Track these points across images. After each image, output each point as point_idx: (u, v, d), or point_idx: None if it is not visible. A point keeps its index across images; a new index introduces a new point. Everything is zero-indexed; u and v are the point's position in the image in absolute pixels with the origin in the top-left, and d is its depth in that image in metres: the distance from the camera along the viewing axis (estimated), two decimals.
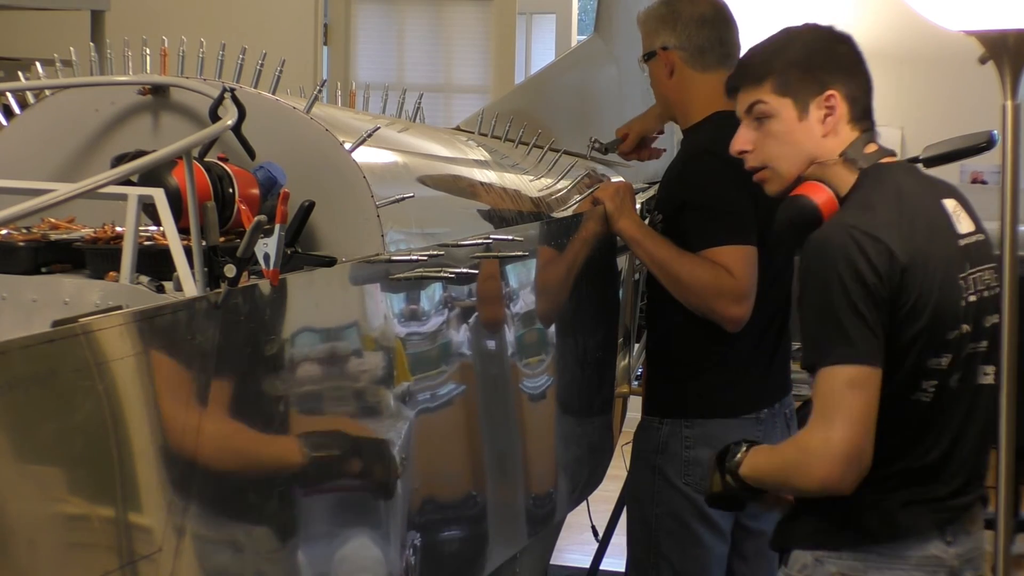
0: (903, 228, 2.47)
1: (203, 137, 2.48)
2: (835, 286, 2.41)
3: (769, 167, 2.63)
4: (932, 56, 7.14)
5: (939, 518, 2.51)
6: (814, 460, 2.41)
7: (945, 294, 2.49)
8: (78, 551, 1.96)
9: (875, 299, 2.41)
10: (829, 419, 2.39)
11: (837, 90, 2.57)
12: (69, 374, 1.95)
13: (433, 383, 2.93)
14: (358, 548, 2.71)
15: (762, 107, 2.60)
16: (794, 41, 2.64)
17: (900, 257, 2.43)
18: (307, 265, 2.53)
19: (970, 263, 2.56)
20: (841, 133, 2.58)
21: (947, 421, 2.51)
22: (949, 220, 2.58)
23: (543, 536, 3.75)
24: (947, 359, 2.48)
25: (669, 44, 3.54)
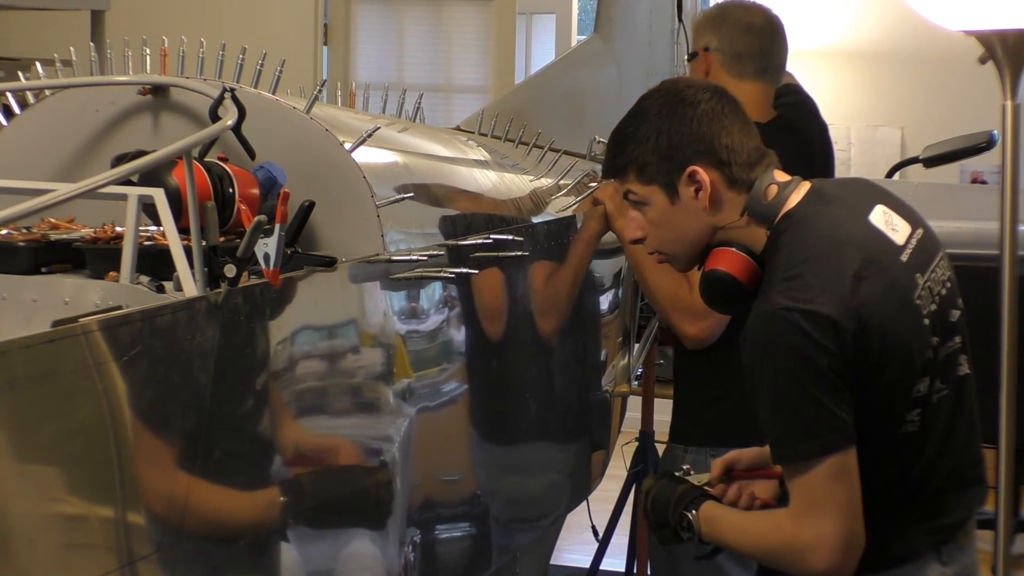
0: (838, 284, 2.31)
1: (203, 137, 2.48)
2: (786, 379, 2.30)
3: (662, 252, 2.52)
4: (932, 56, 7.14)
5: (934, 540, 2.44)
6: (812, 556, 2.33)
7: (907, 327, 2.36)
8: (78, 551, 1.97)
9: (832, 378, 2.29)
10: (817, 513, 2.31)
11: (699, 164, 2.42)
12: (69, 374, 1.95)
13: (432, 382, 2.93)
14: (358, 545, 2.71)
15: (634, 196, 2.49)
16: (642, 123, 2.47)
17: (846, 325, 2.29)
18: (307, 265, 2.53)
19: (921, 272, 2.42)
20: (724, 199, 2.43)
21: (935, 432, 2.42)
22: (883, 238, 2.41)
23: (543, 536, 3.75)
24: (925, 382, 2.38)
25: (711, 46, 3.47)
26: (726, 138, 2.43)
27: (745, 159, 2.44)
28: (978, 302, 3.44)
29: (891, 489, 2.40)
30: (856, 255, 2.35)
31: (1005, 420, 2.70)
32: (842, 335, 2.28)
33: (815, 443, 2.30)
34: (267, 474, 2.41)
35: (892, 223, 2.44)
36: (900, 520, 2.41)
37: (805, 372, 2.28)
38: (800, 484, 2.33)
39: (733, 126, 2.44)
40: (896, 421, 2.37)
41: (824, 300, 2.29)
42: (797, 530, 2.34)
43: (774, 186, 2.44)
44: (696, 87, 2.48)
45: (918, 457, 2.40)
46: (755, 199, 2.43)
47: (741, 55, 3.45)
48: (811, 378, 2.28)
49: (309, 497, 2.52)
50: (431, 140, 3.48)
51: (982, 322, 3.21)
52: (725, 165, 2.43)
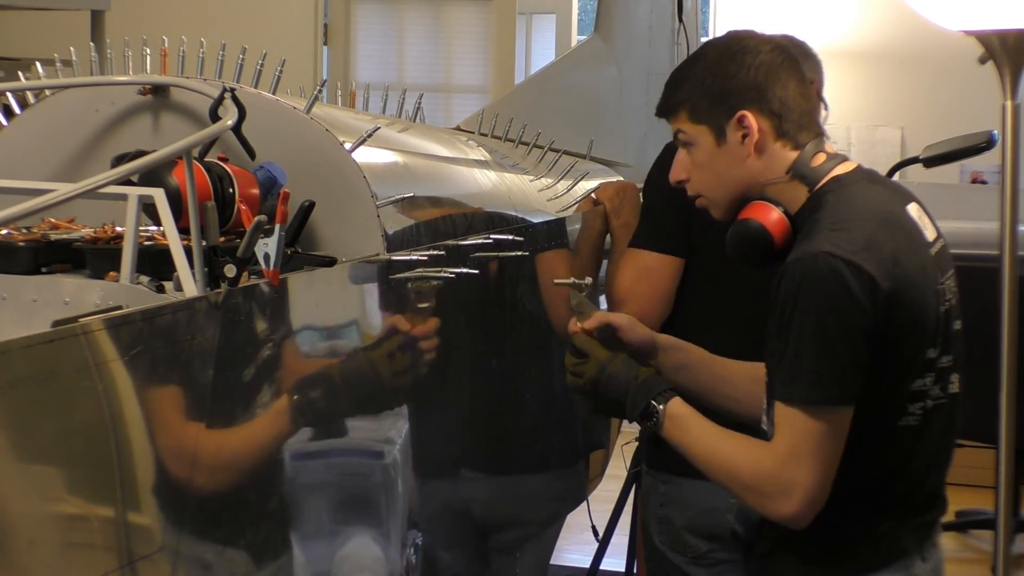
0: (880, 248, 2.35)
1: (203, 137, 2.48)
2: (814, 322, 2.31)
3: (703, 195, 2.54)
4: (932, 56, 7.15)
5: (918, 536, 2.45)
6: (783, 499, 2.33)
7: (926, 312, 2.38)
8: (78, 551, 1.96)
9: (857, 335, 2.30)
10: (803, 461, 2.31)
11: (749, 110, 2.44)
12: (69, 374, 1.95)
13: (431, 381, 2.93)
14: (359, 546, 2.71)
15: (683, 136, 2.51)
16: (701, 63, 2.51)
17: (882, 285, 2.31)
18: (307, 265, 2.53)
19: (941, 272, 2.45)
20: (770, 150, 2.46)
21: (929, 439, 2.43)
22: (918, 229, 2.46)
23: (543, 536, 3.75)
24: (930, 378, 2.40)
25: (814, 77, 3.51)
26: (781, 91, 2.46)
27: (797, 117, 2.47)
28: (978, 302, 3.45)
29: (891, 487, 2.41)
30: (898, 231, 2.40)
31: (1005, 420, 2.71)
32: (877, 294, 2.31)
33: (823, 392, 2.31)
34: (267, 473, 2.41)
35: (924, 222, 2.48)
36: (892, 516, 2.42)
37: (835, 320, 2.30)
38: (794, 427, 2.32)
39: (790, 81, 2.47)
40: (899, 412, 2.37)
41: (867, 256, 2.32)
42: (777, 470, 2.34)
43: (823, 154, 2.47)
44: (759, 38, 2.51)
45: (915, 455, 2.41)
46: (803, 160, 2.46)
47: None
48: (838, 328, 2.30)
49: (309, 497, 2.52)
50: (431, 140, 3.48)
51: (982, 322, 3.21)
52: (776, 116, 2.45)
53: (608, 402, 2.55)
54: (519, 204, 3.51)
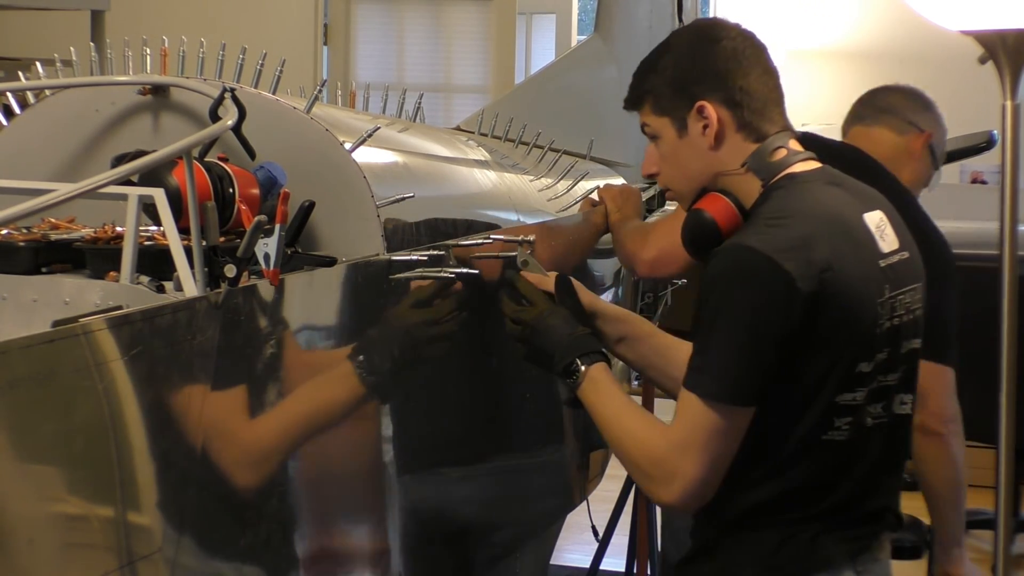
0: (811, 250, 2.27)
1: (203, 137, 2.48)
2: (726, 316, 2.27)
3: (671, 188, 2.53)
4: (932, 56, 7.14)
5: (850, 548, 2.39)
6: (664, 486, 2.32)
7: (859, 323, 2.31)
8: (78, 551, 1.96)
9: (769, 337, 2.25)
10: (690, 453, 2.29)
11: (709, 100, 2.41)
12: (69, 374, 1.95)
13: (430, 380, 2.93)
14: (356, 547, 2.71)
15: (648, 129, 2.50)
16: (664, 55, 2.48)
17: (802, 287, 2.24)
18: (307, 265, 2.53)
19: (891, 286, 2.37)
20: (730, 141, 2.42)
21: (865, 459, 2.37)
22: (871, 238, 2.38)
23: (543, 536, 3.75)
24: (862, 394, 2.33)
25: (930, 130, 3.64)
26: (742, 80, 2.42)
27: (759, 106, 2.43)
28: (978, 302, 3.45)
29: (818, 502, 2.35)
30: (840, 237, 2.33)
31: (1005, 420, 2.71)
32: (794, 296, 2.24)
33: (722, 388, 2.27)
34: (266, 474, 2.41)
35: (883, 231, 2.41)
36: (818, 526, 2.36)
37: (745, 318, 2.26)
38: (689, 417, 2.30)
39: (753, 69, 2.43)
40: (823, 424, 2.32)
41: (792, 256, 2.26)
42: (664, 456, 2.32)
43: (784, 149, 2.43)
44: (726, 26, 2.48)
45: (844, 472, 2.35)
46: (760, 154, 2.42)
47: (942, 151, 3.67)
48: (748, 326, 2.26)
49: (309, 497, 2.52)
50: (431, 140, 3.48)
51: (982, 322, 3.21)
52: (736, 106, 2.42)
53: (539, 352, 2.56)
54: (519, 204, 3.51)
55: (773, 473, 2.33)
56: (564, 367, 2.51)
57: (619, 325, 2.72)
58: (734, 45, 2.43)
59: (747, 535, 2.37)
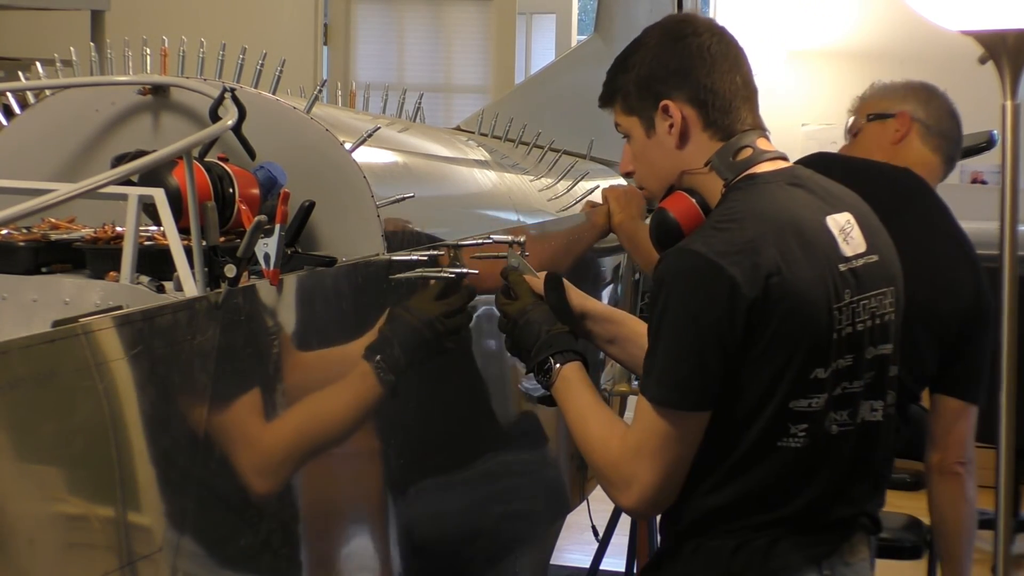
0: (759, 254, 2.23)
1: (203, 137, 2.48)
2: (671, 320, 2.25)
3: (645, 187, 2.52)
4: (932, 56, 7.14)
5: (814, 552, 2.34)
6: (621, 491, 2.32)
7: (810, 329, 2.26)
8: (78, 551, 1.96)
9: (712, 341, 2.22)
10: (645, 459, 2.28)
11: (673, 99, 2.39)
12: (69, 374, 1.95)
13: (428, 380, 2.93)
14: (357, 548, 2.71)
15: (620, 128, 2.49)
16: (634, 53, 2.46)
17: (747, 292, 2.21)
18: (307, 265, 2.53)
19: (852, 290, 2.33)
20: (698, 139, 2.40)
21: (829, 466, 2.33)
22: (830, 241, 2.34)
23: (543, 536, 3.75)
24: (818, 400, 2.28)
25: (917, 115, 3.51)
26: (708, 78, 2.39)
27: (725, 104, 2.40)
28: None
29: (777, 509, 2.33)
30: (793, 240, 2.29)
31: (1005, 420, 2.70)
32: (738, 301, 2.22)
33: (669, 394, 2.26)
34: (266, 474, 2.41)
35: (849, 234, 2.38)
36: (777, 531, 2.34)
37: (688, 322, 2.24)
38: (644, 422, 2.29)
39: (720, 66, 2.40)
40: (777, 430, 2.29)
41: (737, 260, 2.23)
42: (621, 461, 2.32)
43: (749, 149, 2.40)
44: (696, 23, 2.44)
45: (804, 480, 2.32)
46: (724, 152, 2.39)
47: (944, 135, 3.50)
48: (691, 330, 2.24)
49: (308, 497, 2.52)
50: (431, 140, 3.48)
51: None
52: (702, 105, 2.39)
53: (518, 346, 2.58)
54: (519, 204, 3.51)
55: (729, 479, 2.31)
56: (538, 363, 2.51)
57: (609, 326, 2.71)
58: (700, 42, 2.41)
59: (704, 543, 2.35)
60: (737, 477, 2.30)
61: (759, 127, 2.43)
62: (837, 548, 2.38)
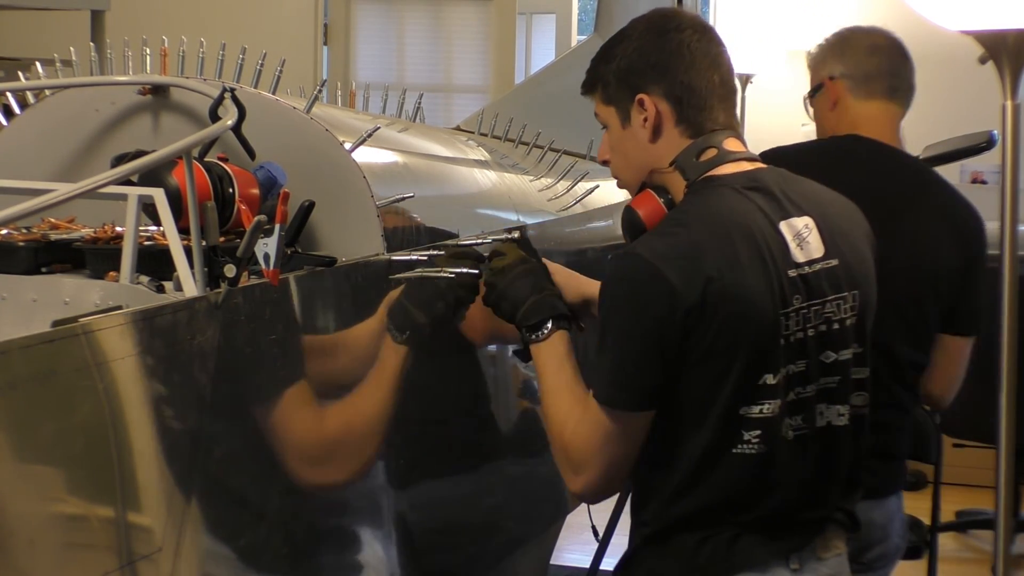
0: (701, 259, 2.23)
1: (203, 137, 2.48)
2: (613, 320, 2.27)
3: (619, 178, 2.52)
4: (932, 56, 7.12)
5: (780, 546, 2.35)
6: (569, 471, 2.36)
7: (754, 334, 2.25)
8: (78, 551, 1.97)
9: (651, 344, 2.23)
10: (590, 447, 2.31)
11: (649, 93, 2.38)
12: (69, 374, 1.95)
13: (428, 379, 2.93)
14: (357, 548, 2.72)
15: (599, 117, 2.49)
16: (618, 44, 2.45)
17: (685, 297, 2.21)
18: (307, 265, 2.53)
19: (803, 296, 2.32)
20: (670, 135, 2.39)
21: (791, 472, 2.32)
22: (782, 246, 2.32)
23: (543, 536, 3.75)
24: (770, 406, 2.27)
25: (835, 73, 3.34)
26: (685, 75, 2.39)
27: (700, 102, 2.39)
28: None
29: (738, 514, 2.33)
30: (738, 245, 2.28)
31: (1005, 420, 2.70)
32: (676, 306, 2.22)
33: (610, 393, 2.29)
34: (267, 474, 2.41)
35: (804, 239, 2.36)
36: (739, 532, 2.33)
37: (629, 324, 2.26)
38: (591, 417, 2.32)
39: (699, 64, 2.39)
40: (729, 437, 2.29)
41: (678, 264, 2.24)
42: (572, 447, 2.35)
43: (714, 149, 2.39)
44: (681, 19, 2.44)
45: (764, 487, 2.32)
46: (688, 152, 2.39)
47: (870, 76, 3.33)
48: (632, 333, 2.26)
49: (308, 496, 2.52)
50: (431, 140, 3.48)
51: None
52: (677, 101, 2.39)
53: (504, 301, 2.58)
54: (519, 204, 3.51)
55: (692, 486, 2.31)
56: (535, 322, 2.52)
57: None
58: (682, 38, 2.40)
59: (669, 538, 2.37)
60: (699, 484, 2.31)
61: (731, 127, 2.43)
62: (808, 543, 2.39)
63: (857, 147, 3.20)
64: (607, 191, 4.12)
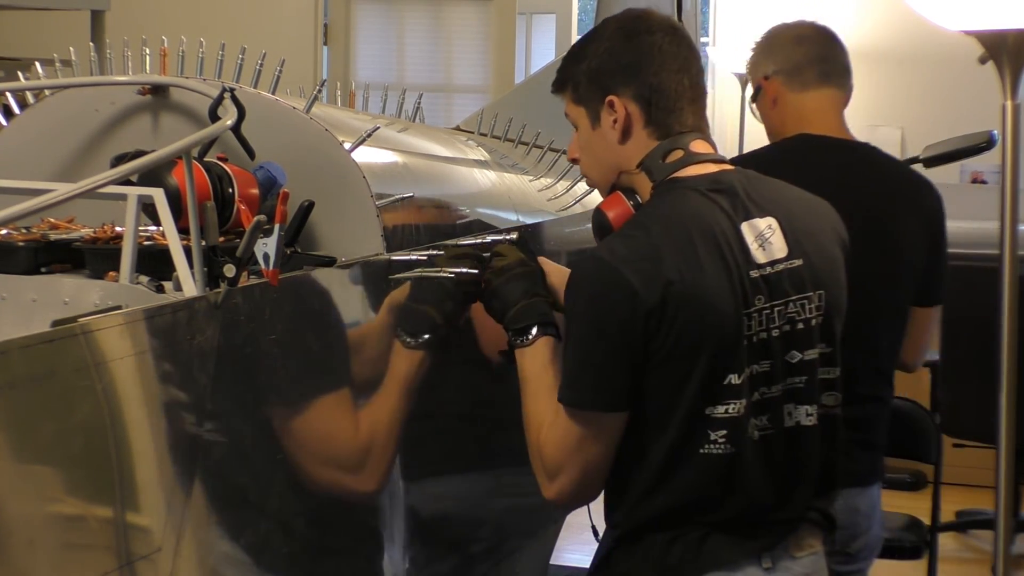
0: (660, 261, 2.24)
1: (203, 137, 2.48)
2: (577, 325, 2.28)
3: (588, 177, 2.52)
4: (932, 56, 7.15)
5: (751, 545, 2.34)
6: (543, 477, 2.36)
7: (715, 335, 2.25)
8: (77, 551, 1.97)
9: (618, 343, 2.24)
10: (563, 452, 2.32)
11: (619, 94, 2.38)
12: (69, 374, 1.95)
13: (432, 381, 2.93)
14: (358, 547, 2.71)
15: (569, 117, 2.50)
16: (590, 44, 2.45)
17: (646, 299, 2.22)
18: (307, 265, 2.53)
19: (765, 296, 2.31)
20: (638, 137, 2.39)
21: (758, 472, 2.32)
22: (743, 247, 2.32)
23: (543, 536, 3.75)
24: (735, 406, 2.28)
25: (768, 72, 3.31)
26: (655, 77, 2.38)
27: (669, 104, 2.39)
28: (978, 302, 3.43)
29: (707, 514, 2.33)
30: (698, 247, 2.29)
31: (1005, 420, 2.70)
32: (637, 308, 2.23)
33: (576, 395, 2.30)
34: (267, 474, 2.41)
35: (767, 240, 2.36)
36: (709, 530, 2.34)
37: (591, 327, 2.27)
38: (561, 422, 2.33)
39: (669, 66, 2.39)
40: (695, 436, 2.29)
41: (638, 267, 2.25)
42: (546, 453, 2.36)
43: (680, 151, 2.39)
44: (652, 20, 2.44)
45: (733, 487, 2.32)
46: (655, 154, 2.39)
47: (800, 66, 3.31)
48: (594, 335, 2.27)
49: (308, 496, 2.52)
50: (431, 140, 3.48)
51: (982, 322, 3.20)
52: (646, 103, 2.39)
53: (496, 300, 2.60)
54: (519, 204, 3.51)
55: (660, 486, 2.32)
56: (518, 327, 2.53)
57: None
58: (653, 40, 2.40)
59: (640, 538, 2.36)
60: (667, 484, 2.32)
61: (698, 129, 2.43)
62: (781, 541, 2.38)
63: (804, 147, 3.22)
64: None
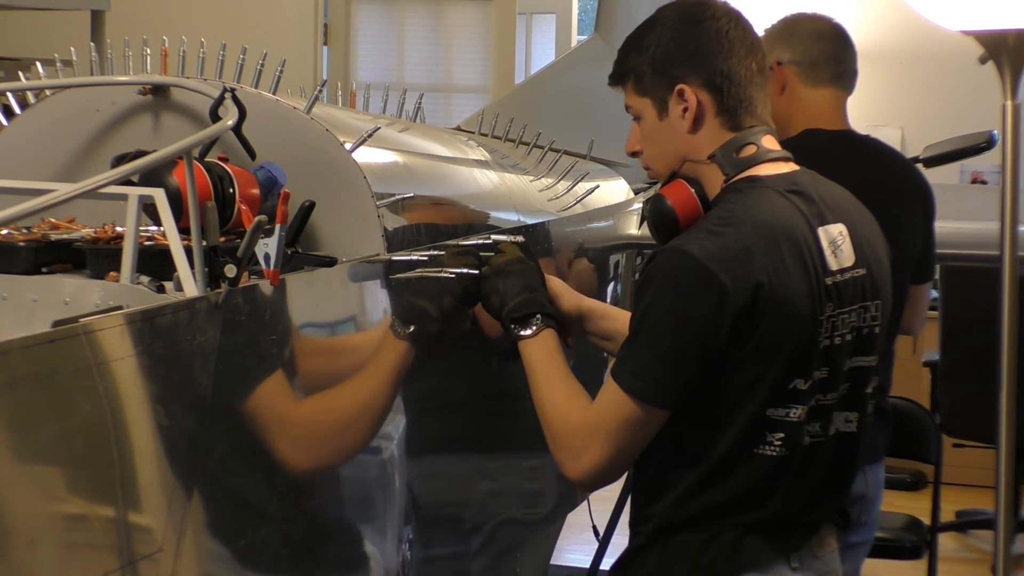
0: (750, 262, 2.24)
1: (203, 137, 2.48)
2: (655, 314, 2.26)
3: (651, 167, 2.50)
4: (932, 56, 7.15)
5: (781, 546, 2.36)
6: (569, 456, 2.36)
7: (793, 340, 2.27)
8: (78, 551, 1.96)
9: (693, 343, 2.24)
10: (598, 439, 2.32)
11: (689, 83, 2.37)
12: (69, 374, 1.95)
13: (432, 380, 2.93)
14: (357, 543, 2.71)
15: (632, 109, 2.47)
16: (649, 33, 2.43)
17: (735, 299, 2.22)
18: (307, 265, 2.53)
19: (834, 304, 2.32)
20: (710, 126, 2.38)
21: (802, 476, 2.34)
22: (820, 253, 2.33)
23: (543, 536, 3.75)
24: (796, 411, 2.29)
25: (783, 59, 3.36)
26: (725, 64, 2.38)
27: (740, 91, 2.38)
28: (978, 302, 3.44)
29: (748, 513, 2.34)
30: (783, 251, 2.29)
31: (1005, 420, 2.71)
32: (725, 307, 2.23)
33: (639, 385, 2.28)
34: (267, 473, 2.41)
35: (839, 247, 2.37)
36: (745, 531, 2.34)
37: (674, 323, 2.26)
38: (608, 401, 2.32)
39: (737, 52, 2.39)
40: (754, 438, 2.30)
41: (729, 266, 2.24)
42: (576, 432, 2.36)
43: (753, 147, 2.39)
44: (714, 7, 2.43)
45: (778, 489, 2.33)
46: (728, 147, 2.38)
47: (817, 62, 3.37)
48: (676, 332, 2.25)
49: (308, 496, 2.52)
50: (431, 140, 3.48)
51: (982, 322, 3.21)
52: (717, 90, 2.38)
53: (494, 294, 2.61)
54: (519, 204, 3.51)
55: (706, 486, 2.32)
56: (523, 315, 2.54)
57: (605, 322, 2.74)
58: (718, 26, 2.39)
59: (673, 538, 2.36)
60: (713, 484, 2.32)
61: (767, 123, 2.43)
62: (805, 541, 2.40)
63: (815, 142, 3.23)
64: (607, 191, 4.12)
